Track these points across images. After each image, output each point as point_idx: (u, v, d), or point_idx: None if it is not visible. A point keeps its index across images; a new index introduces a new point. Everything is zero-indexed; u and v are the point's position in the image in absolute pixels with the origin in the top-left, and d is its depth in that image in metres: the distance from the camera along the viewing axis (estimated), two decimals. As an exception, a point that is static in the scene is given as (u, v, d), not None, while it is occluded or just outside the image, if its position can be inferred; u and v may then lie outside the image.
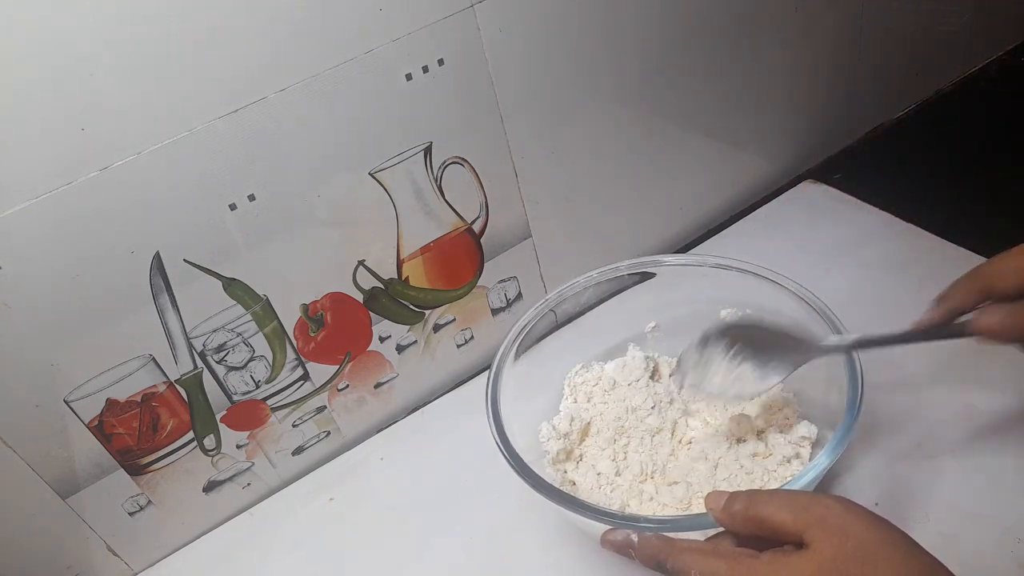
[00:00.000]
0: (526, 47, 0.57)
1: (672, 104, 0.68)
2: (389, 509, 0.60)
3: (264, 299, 0.55)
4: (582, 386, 0.60)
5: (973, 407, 0.56)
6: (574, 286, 0.59)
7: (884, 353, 0.60)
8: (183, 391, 0.55)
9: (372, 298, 0.60)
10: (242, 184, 0.51)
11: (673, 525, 0.44)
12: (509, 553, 0.54)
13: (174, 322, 0.52)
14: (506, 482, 0.57)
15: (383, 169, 0.56)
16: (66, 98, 0.43)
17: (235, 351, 0.56)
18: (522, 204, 0.64)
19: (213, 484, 0.60)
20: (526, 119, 0.60)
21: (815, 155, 0.83)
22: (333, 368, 0.62)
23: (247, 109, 0.48)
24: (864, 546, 0.35)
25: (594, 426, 0.57)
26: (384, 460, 0.64)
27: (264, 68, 0.48)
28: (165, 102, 0.46)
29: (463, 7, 0.53)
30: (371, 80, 0.52)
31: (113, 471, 0.55)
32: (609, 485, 0.53)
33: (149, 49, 0.44)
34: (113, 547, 0.58)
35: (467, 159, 0.59)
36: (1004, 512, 0.49)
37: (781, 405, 0.55)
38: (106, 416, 0.53)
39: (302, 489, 0.63)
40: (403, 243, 0.60)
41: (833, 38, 0.75)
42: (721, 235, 0.77)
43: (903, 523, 0.50)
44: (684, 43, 0.65)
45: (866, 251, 0.70)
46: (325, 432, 0.64)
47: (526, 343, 0.56)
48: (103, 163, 0.45)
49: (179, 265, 0.51)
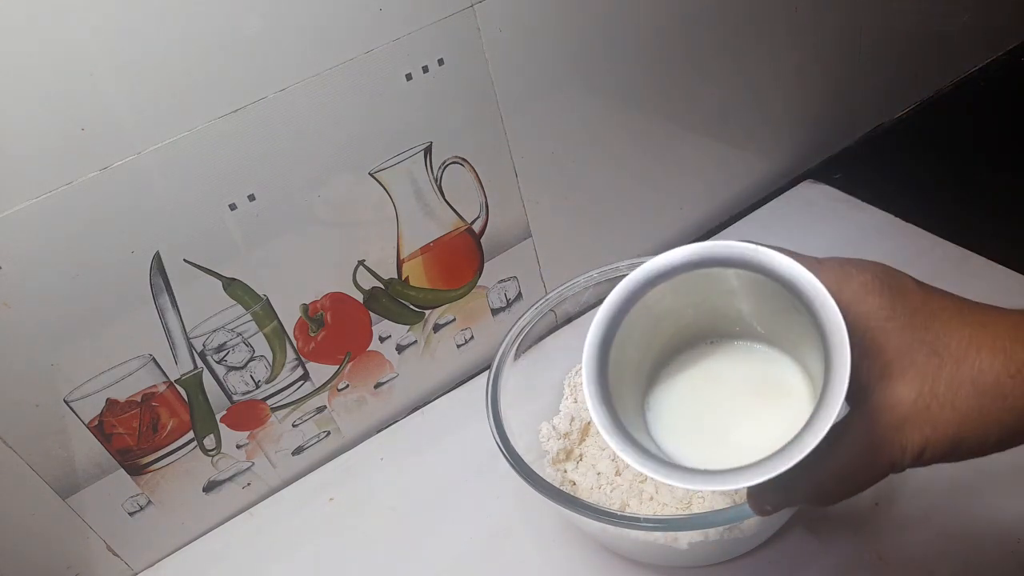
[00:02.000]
0: (526, 47, 0.57)
1: (672, 104, 0.68)
2: (389, 509, 0.60)
3: (264, 299, 0.55)
4: (582, 386, 0.60)
5: (973, 407, 0.56)
6: (574, 286, 0.59)
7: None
8: (183, 391, 0.55)
9: (372, 298, 0.60)
10: (242, 184, 0.51)
11: (673, 525, 0.44)
12: (509, 553, 0.54)
13: (174, 322, 0.52)
14: (506, 482, 0.57)
15: (383, 169, 0.56)
16: (66, 98, 0.43)
17: (235, 351, 0.56)
18: (522, 204, 0.64)
19: (213, 484, 0.60)
20: (526, 119, 0.60)
21: (815, 155, 0.83)
22: (333, 368, 0.62)
23: (247, 109, 0.48)
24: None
25: (594, 426, 0.57)
26: (384, 460, 0.64)
27: (264, 68, 0.48)
28: (165, 102, 0.46)
29: (463, 7, 0.53)
30: (371, 80, 0.52)
31: (113, 471, 0.55)
32: (609, 485, 0.53)
33: (149, 49, 0.44)
34: (113, 547, 0.58)
35: (467, 159, 0.59)
36: (1004, 512, 0.49)
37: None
38: (106, 416, 0.53)
39: (302, 489, 0.63)
40: (403, 243, 0.60)
41: (833, 38, 0.75)
42: (721, 235, 0.77)
43: (903, 523, 0.50)
44: (684, 43, 0.65)
45: (866, 251, 0.69)
46: (325, 432, 0.64)
47: (526, 343, 0.56)
48: (103, 163, 0.45)
49: (179, 265, 0.51)
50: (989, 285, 0.64)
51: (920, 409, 0.30)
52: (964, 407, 0.30)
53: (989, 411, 0.29)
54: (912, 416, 0.30)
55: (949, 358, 0.30)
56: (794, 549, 0.50)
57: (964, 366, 0.30)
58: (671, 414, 0.37)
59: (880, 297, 0.31)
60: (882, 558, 0.49)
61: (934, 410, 0.30)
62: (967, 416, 0.30)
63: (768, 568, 0.50)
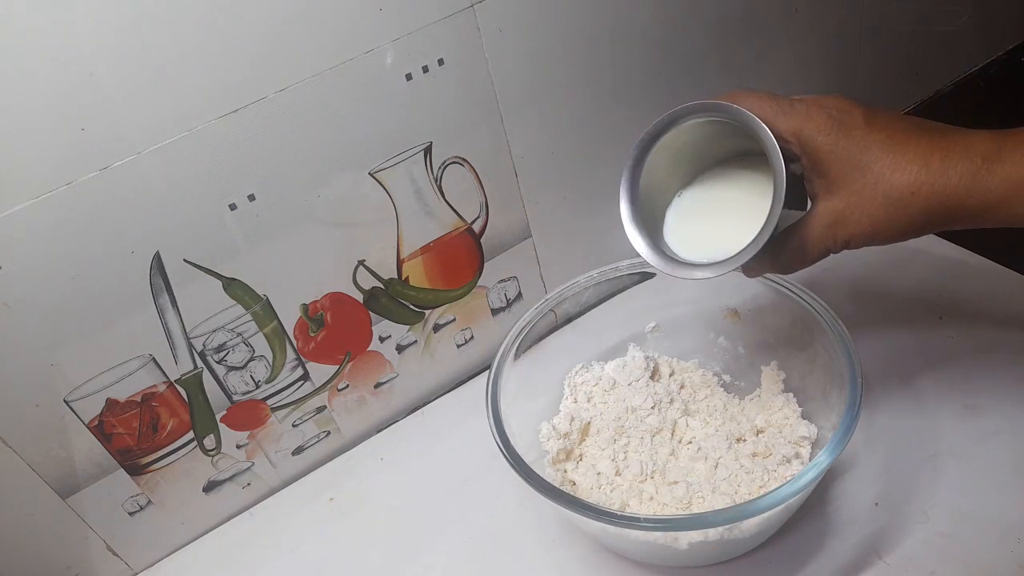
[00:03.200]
0: (526, 47, 0.57)
1: (672, 104, 0.67)
2: (389, 509, 0.60)
3: (264, 299, 0.55)
4: (582, 386, 0.60)
5: (973, 407, 0.56)
6: (574, 286, 0.59)
7: (884, 353, 0.61)
8: (183, 391, 0.55)
9: (372, 298, 0.60)
10: (242, 184, 0.51)
11: (673, 525, 0.44)
12: (509, 553, 0.54)
13: (174, 322, 0.52)
14: (506, 482, 0.57)
15: (383, 169, 0.56)
16: (66, 98, 0.43)
17: (235, 351, 0.56)
18: (522, 204, 0.64)
19: (213, 484, 0.60)
20: (526, 119, 0.60)
21: (815, 155, 0.83)
22: (333, 368, 0.62)
23: (247, 109, 0.48)
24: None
25: (594, 426, 0.57)
26: (384, 460, 0.64)
27: (264, 68, 0.48)
28: (165, 102, 0.46)
29: (463, 7, 0.53)
30: (371, 80, 0.52)
31: (113, 471, 0.55)
32: (609, 485, 0.53)
33: (149, 49, 0.44)
34: (113, 547, 0.58)
35: (467, 159, 0.59)
36: (1004, 512, 0.49)
37: (781, 405, 0.55)
38: (106, 416, 0.53)
39: (302, 489, 0.63)
40: (403, 243, 0.60)
41: (833, 38, 0.75)
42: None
43: (903, 523, 0.50)
44: (684, 43, 0.65)
45: (866, 251, 0.70)
46: (325, 432, 0.64)
47: (526, 343, 0.56)
48: (103, 163, 0.45)
49: (179, 265, 0.51)
50: (989, 285, 0.64)
51: (846, 215, 0.42)
52: (877, 214, 0.42)
53: (894, 216, 0.41)
54: (840, 220, 0.43)
55: (871, 179, 0.41)
56: (794, 549, 0.50)
57: (880, 185, 0.41)
58: (684, 219, 0.50)
59: (829, 135, 0.42)
60: (882, 558, 0.49)
61: (856, 216, 0.42)
62: (878, 220, 0.42)
63: (768, 568, 0.50)
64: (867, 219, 0.42)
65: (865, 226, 0.42)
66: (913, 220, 0.41)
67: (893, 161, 0.41)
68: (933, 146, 0.41)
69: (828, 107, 0.43)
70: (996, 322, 0.61)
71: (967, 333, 0.60)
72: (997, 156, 0.40)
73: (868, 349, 0.60)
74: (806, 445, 0.52)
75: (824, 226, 0.43)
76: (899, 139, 0.41)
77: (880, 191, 0.41)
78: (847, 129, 0.42)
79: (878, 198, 0.41)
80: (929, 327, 0.62)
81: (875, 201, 0.41)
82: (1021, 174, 0.39)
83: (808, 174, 0.44)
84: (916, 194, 0.40)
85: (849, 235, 0.43)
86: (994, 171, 0.39)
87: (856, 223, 0.42)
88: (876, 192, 0.41)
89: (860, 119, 0.42)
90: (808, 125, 0.42)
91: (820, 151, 0.42)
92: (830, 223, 0.43)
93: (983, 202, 0.40)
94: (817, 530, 0.51)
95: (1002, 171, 0.39)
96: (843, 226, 0.42)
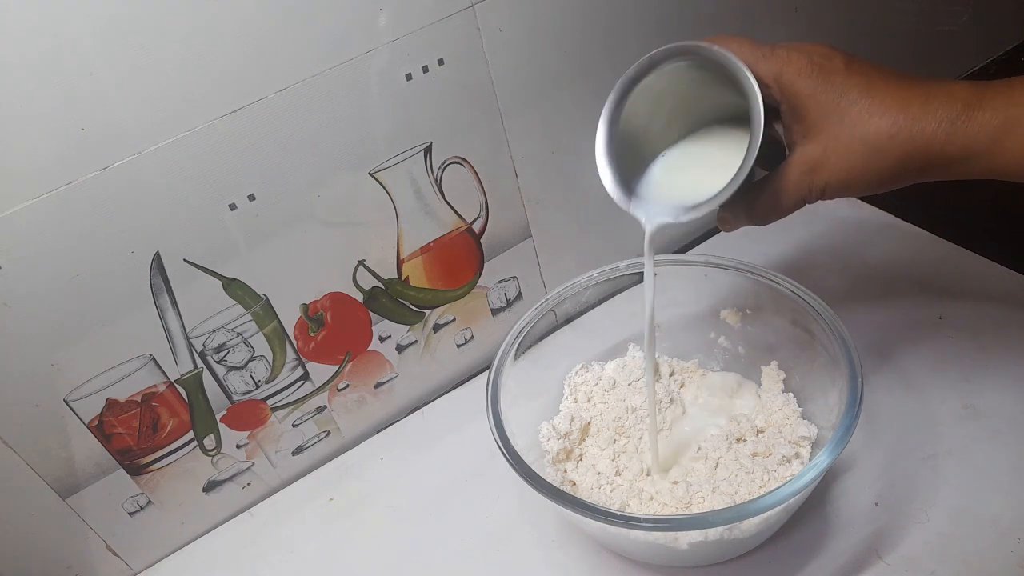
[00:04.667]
0: (526, 47, 0.57)
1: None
2: (389, 509, 0.60)
3: (264, 299, 0.55)
4: (582, 386, 0.60)
5: (973, 407, 0.56)
6: (574, 286, 0.59)
7: (884, 353, 0.61)
8: (183, 391, 0.55)
9: (372, 298, 0.60)
10: (242, 184, 0.51)
11: (673, 525, 0.44)
12: (509, 553, 0.54)
13: (174, 322, 0.52)
14: (506, 482, 0.57)
15: (383, 169, 0.56)
16: (66, 98, 0.43)
17: (235, 351, 0.56)
18: (522, 204, 0.64)
19: (213, 484, 0.60)
20: (526, 119, 0.60)
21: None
22: (333, 368, 0.62)
23: (247, 109, 0.48)
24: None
25: (594, 426, 0.57)
26: (384, 460, 0.64)
27: (264, 68, 0.48)
28: (165, 102, 0.46)
29: (463, 7, 0.53)
30: (371, 80, 0.52)
31: (113, 471, 0.55)
32: (609, 485, 0.53)
33: (149, 49, 0.44)
34: (113, 547, 0.58)
35: (467, 159, 0.59)
36: (1004, 512, 0.49)
37: (781, 405, 0.55)
38: (106, 416, 0.53)
39: (302, 489, 0.63)
40: (403, 243, 0.60)
41: (833, 38, 0.75)
42: (721, 235, 0.77)
43: (903, 523, 0.50)
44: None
45: (866, 251, 0.70)
46: (325, 432, 0.64)
47: (526, 343, 0.56)
48: (103, 163, 0.45)
49: (179, 265, 0.51)
50: (989, 285, 0.64)
51: (823, 161, 0.42)
52: (854, 160, 0.41)
53: (871, 163, 0.41)
54: (817, 166, 0.42)
55: (849, 123, 0.41)
56: (794, 549, 0.50)
57: (858, 129, 0.40)
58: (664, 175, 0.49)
59: (809, 79, 0.41)
60: (882, 558, 0.49)
61: (832, 160, 0.41)
62: (854, 166, 0.41)
63: (768, 568, 0.50)
64: (844, 164, 0.41)
65: (842, 172, 0.41)
66: (891, 167, 0.41)
67: (871, 105, 0.40)
68: (913, 92, 0.40)
69: (809, 52, 0.42)
70: (996, 322, 0.61)
71: (967, 333, 0.60)
72: (978, 103, 0.39)
73: (868, 349, 0.60)
74: (806, 445, 0.52)
75: (800, 172, 0.42)
76: (878, 84, 0.41)
77: (857, 135, 0.40)
78: (827, 74, 0.41)
79: (855, 142, 0.40)
80: (929, 327, 0.62)
81: (852, 145, 0.41)
82: (1001, 121, 0.39)
83: (786, 120, 0.43)
84: (894, 138, 0.40)
85: (825, 182, 0.42)
86: (974, 118, 0.39)
87: (832, 168, 0.41)
88: (853, 136, 0.40)
89: (840, 64, 0.42)
90: (788, 68, 0.41)
91: (799, 95, 0.41)
92: (807, 169, 0.42)
93: (962, 148, 0.39)
94: (817, 530, 0.51)
95: (982, 118, 0.39)
96: (819, 172, 0.42)
